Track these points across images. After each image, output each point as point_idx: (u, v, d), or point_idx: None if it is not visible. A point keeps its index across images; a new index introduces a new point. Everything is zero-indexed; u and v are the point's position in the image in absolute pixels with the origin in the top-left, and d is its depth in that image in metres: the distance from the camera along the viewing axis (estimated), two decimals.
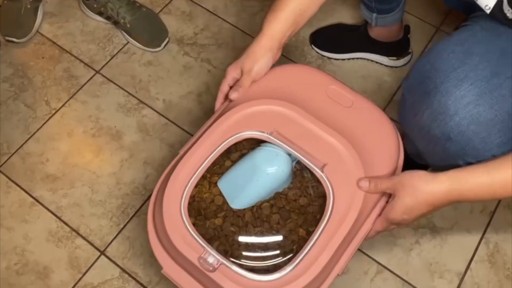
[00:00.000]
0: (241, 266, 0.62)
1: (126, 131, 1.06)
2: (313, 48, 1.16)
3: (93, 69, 1.13)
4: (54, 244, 0.95)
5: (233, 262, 0.62)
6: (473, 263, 0.95)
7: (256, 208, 0.69)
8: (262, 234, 0.67)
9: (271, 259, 0.66)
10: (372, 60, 1.15)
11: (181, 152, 0.71)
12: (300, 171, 0.71)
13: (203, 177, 0.69)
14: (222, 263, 0.60)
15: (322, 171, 0.65)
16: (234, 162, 0.72)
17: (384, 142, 0.70)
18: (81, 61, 1.14)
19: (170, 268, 0.64)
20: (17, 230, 0.96)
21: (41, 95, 1.10)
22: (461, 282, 0.93)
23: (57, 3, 1.22)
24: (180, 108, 1.09)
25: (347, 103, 0.72)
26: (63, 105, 1.09)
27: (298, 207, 0.69)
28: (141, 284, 0.91)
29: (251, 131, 0.68)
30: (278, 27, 0.72)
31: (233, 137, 0.68)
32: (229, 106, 0.73)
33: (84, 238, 0.95)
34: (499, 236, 0.97)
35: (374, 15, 1.04)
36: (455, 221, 0.99)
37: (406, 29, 1.12)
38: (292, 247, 0.66)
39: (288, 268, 0.60)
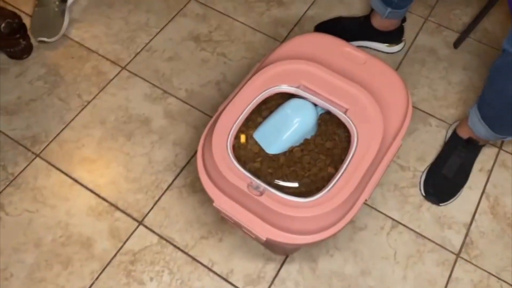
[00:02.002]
0: (282, 191, 0.71)
1: (154, 117, 1.16)
2: None
3: (119, 65, 1.24)
4: (95, 218, 1.02)
5: (276, 187, 0.71)
6: (477, 215, 1.05)
7: (288, 153, 0.78)
8: (296, 173, 0.77)
9: (305, 192, 0.75)
10: (370, 48, 1.28)
11: (221, 108, 0.81)
12: (324, 122, 0.82)
13: (240, 131, 0.79)
14: (267, 189, 0.70)
15: (345, 114, 0.76)
16: (264, 118, 0.82)
17: (394, 90, 0.82)
18: (108, 59, 1.25)
19: (220, 200, 0.74)
20: (59, 208, 1.03)
21: (73, 89, 1.20)
22: (468, 232, 1.03)
23: (82, 10, 1.34)
24: (202, 96, 1.20)
25: (360, 61, 0.84)
26: (94, 98, 1.19)
27: (325, 150, 0.79)
28: (178, 248, 0.99)
29: (282, 85, 0.79)
30: None
31: (267, 91, 0.78)
32: (260, 67, 0.84)
33: (122, 211, 1.03)
34: (498, 191, 1.08)
35: (389, 9, 1.15)
36: None
37: (403, 18, 1.25)
38: (323, 183, 0.76)
39: (324, 190, 0.70)
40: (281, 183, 0.76)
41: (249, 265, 0.98)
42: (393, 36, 1.26)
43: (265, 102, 0.82)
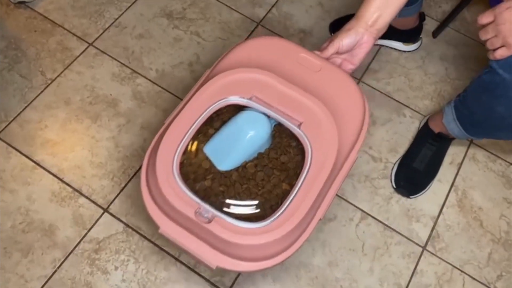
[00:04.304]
0: (233, 217, 0.67)
1: (122, 99, 1.11)
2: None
3: (86, 41, 1.18)
4: (57, 203, 0.99)
5: (226, 213, 0.68)
6: (444, 208, 1.06)
7: (241, 168, 0.74)
8: (249, 190, 0.72)
9: (259, 212, 0.71)
10: (387, 46, 1.24)
11: (167, 122, 0.75)
12: (279, 133, 0.77)
13: (190, 145, 0.73)
14: (216, 216, 0.66)
15: (299, 128, 0.72)
16: (216, 129, 0.76)
17: (350, 99, 0.78)
18: (74, 34, 1.18)
19: (167, 227, 0.69)
20: (20, 192, 0.99)
21: (36, 66, 1.13)
22: (435, 225, 1.04)
23: None
24: (173, 77, 1.15)
25: (316, 68, 0.79)
26: (58, 75, 1.13)
27: (280, 164, 0.74)
28: (145, 237, 0.97)
29: (232, 97, 0.74)
30: (363, 9, 0.78)
31: (216, 104, 0.73)
32: (209, 76, 0.78)
33: (87, 197, 1.00)
34: (466, 184, 1.09)
35: None
36: None
37: (422, 17, 1.21)
38: (277, 200, 0.72)
39: (276, 214, 0.67)
40: (234, 202, 0.71)
41: None
42: (411, 34, 1.22)
43: (217, 111, 0.75)
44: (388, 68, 1.23)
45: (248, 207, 0.72)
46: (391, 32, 1.21)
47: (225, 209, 0.71)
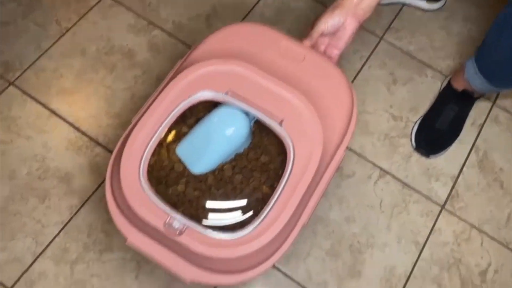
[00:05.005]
0: (207, 227, 0.61)
1: (138, 50, 1.09)
2: None
3: None
4: (74, 152, 0.98)
5: (199, 224, 0.61)
6: (465, 168, 1.05)
7: (218, 171, 0.68)
8: (226, 195, 0.66)
9: (238, 218, 0.65)
10: (409, 4, 1.20)
11: (134, 121, 0.69)
12: (258, 131, 0.71)
13: (160, 145, 0.67)
14: (188, 226, 0.60)
15: (281, 126, 0.65)
16: (190, 127, 0.70)
17: (338, 93, 0.72)
18: None
19: (135, 238, 0.63)
20: (36, 140, 0.98)
21: (50, 15, 1.11)
22: (455, 184, 1.03)
23: None
24: (190, 29, 1.13)
25: (299, 57, 0.72)
26: (74, 25, 1.10)
27: (260, 165, 0.68)
28: None
29: (205, 92, 0.66)
30: None
31: (187, 101, 0.66)
32: (181, 68, 0.71)
33: (103, 146, 0.98)
34: (487, 145, 1.07)
35: None
36: None
37: None
38: (257, 205, 0.66)
39: (254, 224, 0.60)
40: (210, 208, 0.65)
41: None
42: None
43: (191, 107, 0.67)
44: (410, 27, 1.19)
45: (225, 213, 0.66)
46: None
47: (200, 216, 0.65)
